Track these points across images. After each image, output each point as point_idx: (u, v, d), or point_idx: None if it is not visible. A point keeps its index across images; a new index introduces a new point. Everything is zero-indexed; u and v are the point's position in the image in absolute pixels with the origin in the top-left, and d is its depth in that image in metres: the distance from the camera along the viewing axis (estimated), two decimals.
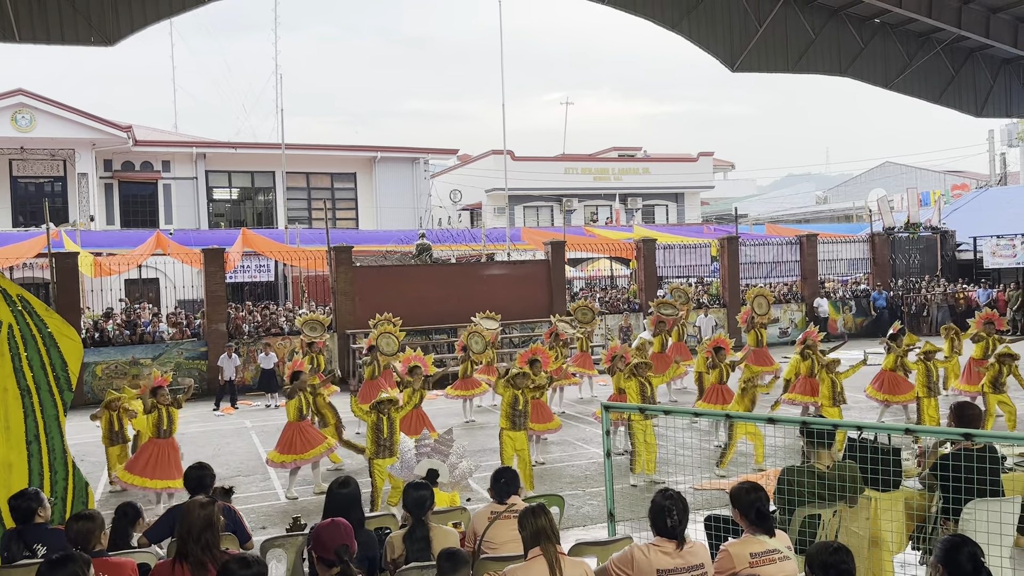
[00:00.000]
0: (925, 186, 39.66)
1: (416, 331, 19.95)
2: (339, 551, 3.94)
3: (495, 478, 5.39)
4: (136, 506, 5.57)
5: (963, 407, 6.23)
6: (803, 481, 5.27)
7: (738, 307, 23.68)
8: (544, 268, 22.12)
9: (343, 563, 3.94)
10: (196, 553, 4.14)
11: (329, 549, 3.98)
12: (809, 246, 25.64)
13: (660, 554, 4.17)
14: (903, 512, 5.76)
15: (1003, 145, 40.59)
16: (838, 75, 22.68)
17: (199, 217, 31.26)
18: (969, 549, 3.51)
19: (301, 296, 23.27)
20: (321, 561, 4.04)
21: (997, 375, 11.31)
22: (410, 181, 34.10)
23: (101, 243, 24.78)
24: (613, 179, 39.06)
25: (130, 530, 5.43)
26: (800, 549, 5.03)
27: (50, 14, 16.32)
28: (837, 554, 3.62)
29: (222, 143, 32.84)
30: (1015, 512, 5.43)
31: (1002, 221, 28.76)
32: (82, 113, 28.11)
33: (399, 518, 5.70)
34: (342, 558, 3.94)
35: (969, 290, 26.04)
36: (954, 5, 20.67)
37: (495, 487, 5.33)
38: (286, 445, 9.79)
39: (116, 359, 18.03)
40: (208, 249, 19.49)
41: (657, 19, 20.59)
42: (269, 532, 7.78)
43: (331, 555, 3.97)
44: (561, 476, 10.12)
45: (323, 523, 4.19)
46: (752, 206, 49.32)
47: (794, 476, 5.32)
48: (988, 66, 24.38)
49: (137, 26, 17.37)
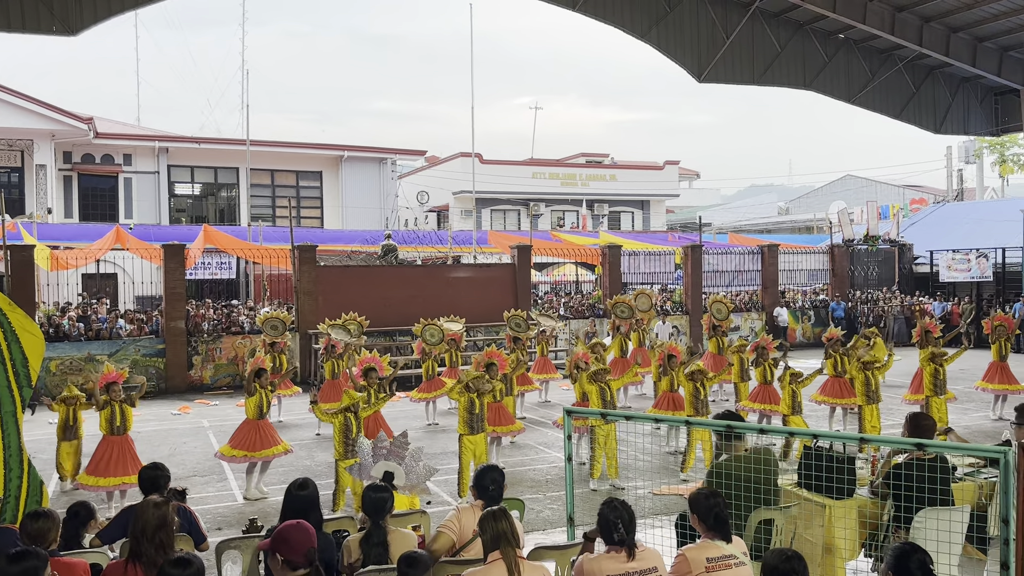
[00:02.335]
0: (884, 200, 40.43)
1: (380, 332, 19.85)
2: (309, 553, 3.89)
3: (478, 477, 5.20)
4: (89, 506, 5.47)
5: (918, 417, 6.36)
6: (731, 465, 5.70)
7: (700, 314, 23.96)
8: (510, 272, 22.14)
9: (312, 566, 3.88)
10: (150, 553, 4.09)
11: (298, 551, 3.89)
12: (770, 256, 26.00)
13: (610, 562, 4.22)
14: (856, 520, 5.86)
15: (960, 162, 41.55)
16: (802, 88, 23.08)
17: (160, 212, 30.78)
18: (919, 557, 3.59)
19: (263, 295, 23.01)
20: (287, 564, 3.96)
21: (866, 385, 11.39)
22: (377, 181, 33.92)
23: (58, 236, 24.29)
24: (580, 185, 39.25)
25: (81, 531, 5.33)
26: (755, 555, 5.10)
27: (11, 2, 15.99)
28: (791, 561, 3.68)
29: (185, 137, 32.39)
30: (964, 521, 5.56)
31: (958, 236, 29.44)
32: (42, 103, 27.53)
33: (357, 521, 5.65)
34: (312, 560, 3.89)
35: (925, 303, 26.60)
36: (916, 24, 21.15)
37: (478, 488, 5.13)
38: (240, 441, 9.66)
39: (72, 355, 17.68)
40: (168, 245, 19.19)
41: (626, 27, 20.79)
42: (225, 533, 7.68)
43: (300, 557, 3.90)
44: (522, 480, 10.13)
45: (289, 524, 4.12)
46: (716, 215, 49.90)
47: (721, 467, 5.74)
48: (947, 84, 24.98)
49: (100, 17, 17.10)
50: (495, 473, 5.17)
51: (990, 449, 5.25)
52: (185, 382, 18.46)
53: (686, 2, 21.05)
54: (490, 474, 5.16)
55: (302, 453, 11.44)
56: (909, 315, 26.21)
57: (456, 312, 20.65)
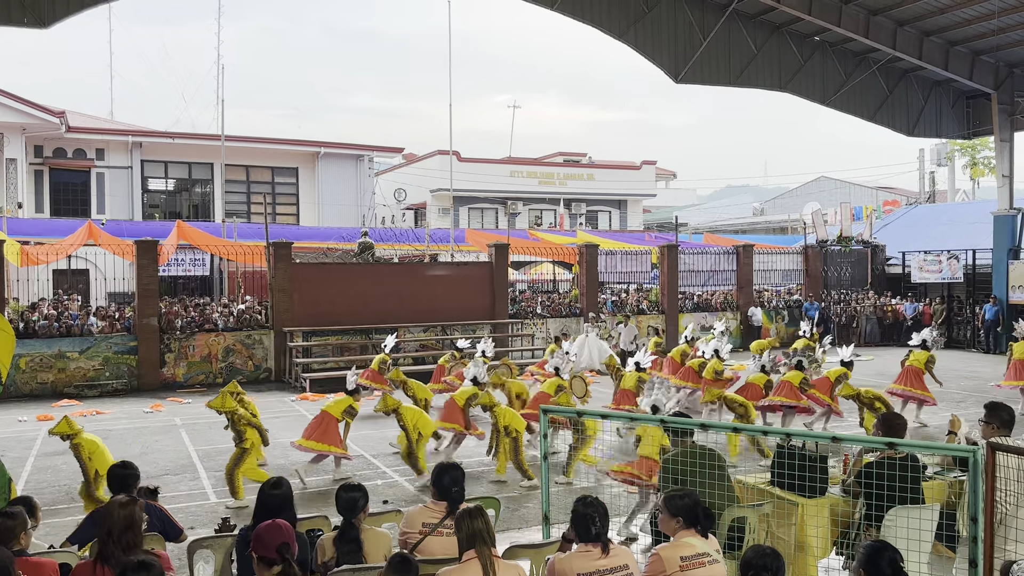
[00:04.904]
0: (858, 201, 40.87)
1: (356, 330, 19.77)
2: (280, 549, 3.90)
3: (437, 477, 5.08)
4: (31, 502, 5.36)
5: (890, 417, 6.46)
6: (676, 459, 5.99)
7: (676, 314, 24.09)
8: (487, 270, 22.13)
9: (284, 561, 3.89)
10: (117, 554, 4.04)
11: (270, 548, 3.93)
12: (745, 256, 26.20)
13: (582, 559, 4.23)
14: (828, 518, 5.92)
15: (932, 164, 42.06)
16: (778, 90, 23.26)
17: (133, 208, 30.39)
18: (889, 555, 3.62)
19: (237, 292, 22.80)
20: (261, 561, 3.98)
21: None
22: (354, 178, 33.73)
23: (29, 231, 23.91)
24: (558, 184, 39.31)
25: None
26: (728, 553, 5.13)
27: None
28: (769, 558, 3.71)
29: (159, 132, 32.00)
30: (934, 519, 5.63)
31: (930, 237, 29.84)
32: (12, 96, 27.06)
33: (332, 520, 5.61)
34: (284, 556, 3.90)
35: (897, 304, 26.93)
36: (890, 27, 21.38)
37: (438, 488, 5.04)
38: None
39: (42, 352, 17.43)
40: (141, 241, 18.96)
41: (604, 27, 20.84)
42: (197, 532, 7.60)
43: (273, 553, 3.92)
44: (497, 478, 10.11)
45: (263, 524, 4.13)
46: (692, 215, 50.20)
47: (670, 460, 6.09)
48: (920, 87, 25.29)
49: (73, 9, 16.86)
50: (455, 472, 5.06)
51: (959, 449, 5.34)
52: (158, 380, 18.25)
53: (664, 3, 21.14)
54: (450, 473, 5.04)
55: (276, 452, 11.36)
56: (881, 315, 26.55)
57: (432, 310, 20.64)
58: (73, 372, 17.67)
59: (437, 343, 20.62)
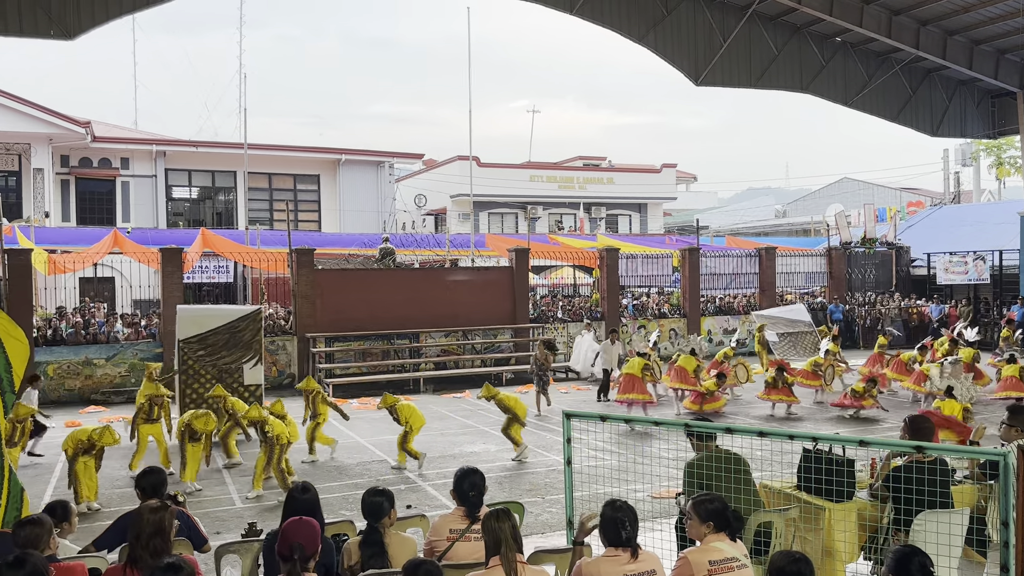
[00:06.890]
0: (882, 202, 40.48)
1: (378, 336, 19.85)
2: (293, 547, 3.92)
3: (457, 482, 5.07)
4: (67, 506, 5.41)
5: (917, 420, 6.34)
6: (702, 464, 5.89)
7: (697, 318, 23.96)
8: (508, 275, 22.14)
9: (291, 561, 3.90)
10: (146, 559, 4.07)
11: (285, 545, 3.96)
12: (768, 259, 26.02)
13: (610, 564, 4.18)
14: (855, 523, 5.86)
15: (957, 164, 41.62)
16: (799, 91, 23.13)
17: (157, 216, 30.74)
18: (919, 559, 3.58)
19: (260, 298, 22.96)
20: (279, 557, 4.02)
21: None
22: (375, 184, 33.92)
23: (56, 240, 24.23)
24: (578, 188, 39.27)
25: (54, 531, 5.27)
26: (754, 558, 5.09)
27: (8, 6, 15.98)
28: (798, 563, 3.68)
29: (183, 141, 32.36)
30: (963, 524, 5.56)
31: (955, 238, 29.49)
32: (39, 107, 27.50)
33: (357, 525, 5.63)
34: (292, 556, 3.91)
35: (922, 305, 26.63)
36: (913, 27, 21.20)
37: (458, 493, 5.05)
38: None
39: (69, 359, 17.65)
40: (166, 249, 19.16)
41: (624, 31, 20.82)
42: (223, 537, 7.65)
43: (285, 549, 3.94)
44: (520, 483, 10.12)
45: (291, 519, 4.16)
46: (713, 218, 49.93)
47: (694, 465, 5.95)
48: (944, 87, 25.04)
49: (98, 21, 17.09)
50: (475, 477, 5.06)
51: (990, 452, 5.25)
52: None
53: (683, 5, 21.09)
54: (469, 478, 5.05)
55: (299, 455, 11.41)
56: (907, 318, 26.26)
57: (454, 315, 20.67)
58: (100, 379, 17.88)
59: (458, 348, 20.66)
